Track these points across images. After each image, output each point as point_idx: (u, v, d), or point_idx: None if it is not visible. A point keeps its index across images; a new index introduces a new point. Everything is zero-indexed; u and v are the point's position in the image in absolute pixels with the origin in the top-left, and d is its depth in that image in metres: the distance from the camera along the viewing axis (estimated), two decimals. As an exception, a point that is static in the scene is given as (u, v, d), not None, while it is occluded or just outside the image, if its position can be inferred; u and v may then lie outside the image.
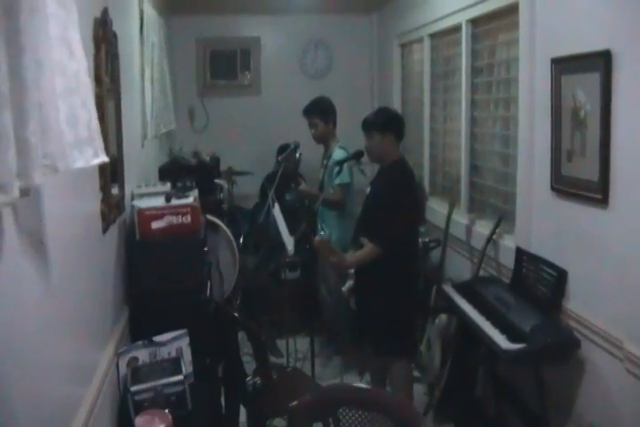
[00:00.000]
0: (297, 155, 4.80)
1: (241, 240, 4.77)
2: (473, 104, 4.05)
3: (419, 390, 4.05)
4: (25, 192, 1.21)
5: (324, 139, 4.67)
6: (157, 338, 2.57)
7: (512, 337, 2.72)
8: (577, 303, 2.74)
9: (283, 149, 5.48)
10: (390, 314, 3.49)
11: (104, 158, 1.53)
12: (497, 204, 3.78)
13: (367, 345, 3.83)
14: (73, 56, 1.35)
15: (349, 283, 3.87)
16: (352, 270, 3.79)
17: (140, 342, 2.55)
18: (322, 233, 3.88)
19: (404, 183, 3.54)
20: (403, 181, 3.55)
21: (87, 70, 1.45)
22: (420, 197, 3.79)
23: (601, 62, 2.41)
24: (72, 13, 1.38)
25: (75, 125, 1.35)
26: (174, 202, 2.88)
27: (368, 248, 3.45)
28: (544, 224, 3.04)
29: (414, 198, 3.61)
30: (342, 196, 4.45)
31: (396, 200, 3.46)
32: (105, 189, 2.38)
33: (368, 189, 3.71)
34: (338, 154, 4.48)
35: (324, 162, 4.68)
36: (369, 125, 3.64)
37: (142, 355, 2.52)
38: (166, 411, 2.21)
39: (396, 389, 3.58)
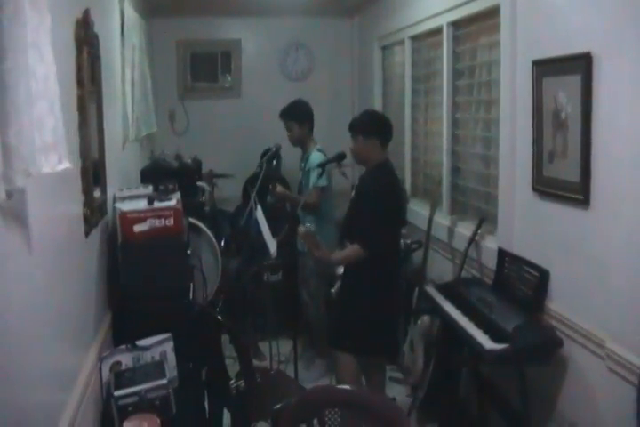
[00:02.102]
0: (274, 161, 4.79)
1: (223, 243, 4.74)
2: (454, 106, 4.07)
3: (402, 391, 4.06)
4: (8, 195, 1.19)
5: (301, 142, 4.68)
6: (141, 342, 2.54)
7: (495, 337, 2.73)
8: (559, 303, 2.76)
9: (266, 152, 5.47)
10: (368, 314, 3.49)
11: (68, 164, 1.51)
12: (479, 205, 3.80)
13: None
14: (42, 60, 1.34)
15: (338, 284, 3.84)
16: (341, 271, 3.78)
17: (123, 347, 2.52)
18: (307, 225, 3.82)
19: (386, 185, 3.54)
20: (385, 183, 3.54)
21: (56, 75, 1.43)
22: (403, 199, 3.79)
23: (582, 64, 2.44)
24: (45, 17, 1.36)
25: (41, 130, 1.33)
26: (157, 205, 2.86)
27: (353, 248, 3.45)
28: (526, 225, 3.06)
29: (397, 200, 3.60)
30: (317, 198, 4.45)
31: (379, 202, 3.45)
32: (87, 192, 2.36)
33: (353, 193, 3.70)
34: (315, 157, 4.49)
35: (302, 165, 4.69)
36: (353, 128, 3.64)
37: (125, 359, 2.49)
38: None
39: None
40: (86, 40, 2.36)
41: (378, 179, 3.56)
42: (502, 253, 3.21)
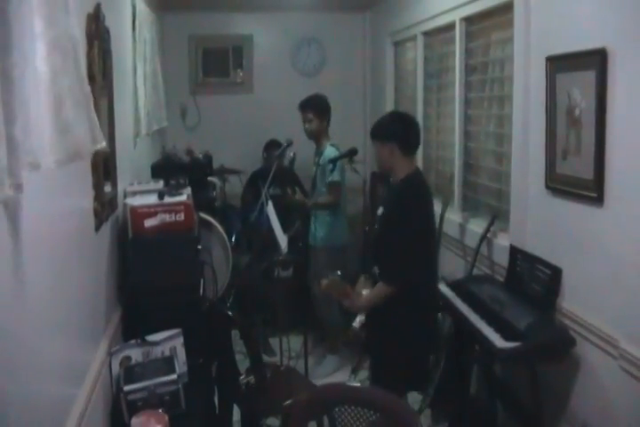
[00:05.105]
0: (292, 153, 4.78)
1: (234, 238, 4.75)
2: (467, 102, 4.04)
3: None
4: (18, 189, 1.19)
5: (317, 135, 4.65)
6: (151, 337, 2.55)
7: (507, 336, 2.71)
8: (572, 302, 2.74)
9: (270, 145, 5.45)
10: (401, 352, 3.15)
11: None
12: (491, 202, 3.77)
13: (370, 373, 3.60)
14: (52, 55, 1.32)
15: (360, 318, 3.45)
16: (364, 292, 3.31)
17: (132, 342, 2.53)
18: (337, 273, 3.41)
19: (417, 207, 3.11)
20: (416, 204, 3.12)
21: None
22: (433, 218, 3.33)
23: (596, 60, 2.41)
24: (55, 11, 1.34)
25: (47, 125, 1.31)
26: (167, 200, 2.86)
27: (379, 288, 3.08)
28: (538, 222, 3.04)
29: (429, 223, 3.22)
30: (335, 194, 4.44)
31: (409, 229, 3.04)
32: (97, 186, 2.36)
33: (380, 210, 3.30)
34: (329, 152, 4.47)
35: (316, 160, 4.67)
36: (371, 132, 3.27)
37: (135, 354, 2.50)
38: (160, 411, 2.20)
39: None
40: (97, 34, 2.36)
41: (404, 199, 3.14)
42: (514, 251, 3.18)
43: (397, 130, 3.18)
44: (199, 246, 3.08)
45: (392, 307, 3.09)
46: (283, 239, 4.08)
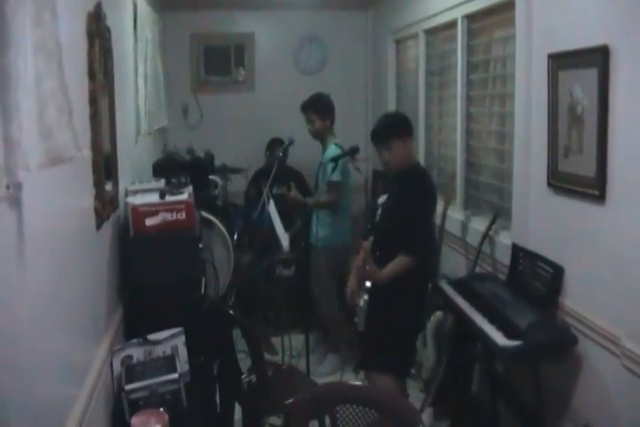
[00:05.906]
0: (280, 153, 4.77)
1: (235, 237, 4.75)
2: (469, 100, 4.04)
3: (415, 386, 4.04)
4: (17, 188, 1.19)
5: (321, 135, 4.64)
6: (152, 336, 2.54)
7: (509, 334, 2.70)
8: (574, 300, 2.73)
9: (272, 143, 5.44)
10: (396, 329, 3.28)
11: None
12: (493, 200, 3.77)
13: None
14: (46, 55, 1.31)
15: (364, 298, 3.49)
16: (368, 284, 3.44)
17: (134, 341, 2.53)
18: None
19: (427, 188, 3.33)
20: (425, 185, 3.33)
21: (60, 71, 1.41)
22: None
23: (598, 58, 2.40)
24: (44, 12, 1.34)
25: (42, 125, 1.31)
26: (168, 198, 2.86)
27: (401, 260, 3.19)
28: (541, 220, 3.03)
29: (435, 202, 3.43)
30: (335, 194, 4.42)
31: (422, 206, 3.27)
32: (99, 185, 2.35)
33: (383, 198, 3.46)
34: (332, 151, 4.45)
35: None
36: (386, 136, 3.30)
37: (137, 353, 2.50)
38: (161, 410, 2.19)
39: None
40: (98, 33, 2.36)
41: (415, 183, 3.32)
42: (516, 249, 3.18)
43: (409, 125, 3.40)
44: (200, 245, 3.08)
45: (399, 283, 3.21)
46: (284, 238, 4.07)
